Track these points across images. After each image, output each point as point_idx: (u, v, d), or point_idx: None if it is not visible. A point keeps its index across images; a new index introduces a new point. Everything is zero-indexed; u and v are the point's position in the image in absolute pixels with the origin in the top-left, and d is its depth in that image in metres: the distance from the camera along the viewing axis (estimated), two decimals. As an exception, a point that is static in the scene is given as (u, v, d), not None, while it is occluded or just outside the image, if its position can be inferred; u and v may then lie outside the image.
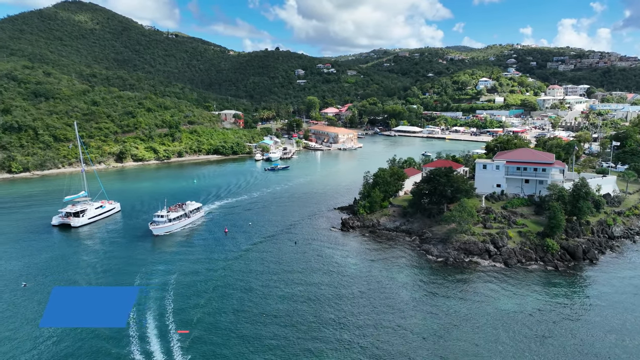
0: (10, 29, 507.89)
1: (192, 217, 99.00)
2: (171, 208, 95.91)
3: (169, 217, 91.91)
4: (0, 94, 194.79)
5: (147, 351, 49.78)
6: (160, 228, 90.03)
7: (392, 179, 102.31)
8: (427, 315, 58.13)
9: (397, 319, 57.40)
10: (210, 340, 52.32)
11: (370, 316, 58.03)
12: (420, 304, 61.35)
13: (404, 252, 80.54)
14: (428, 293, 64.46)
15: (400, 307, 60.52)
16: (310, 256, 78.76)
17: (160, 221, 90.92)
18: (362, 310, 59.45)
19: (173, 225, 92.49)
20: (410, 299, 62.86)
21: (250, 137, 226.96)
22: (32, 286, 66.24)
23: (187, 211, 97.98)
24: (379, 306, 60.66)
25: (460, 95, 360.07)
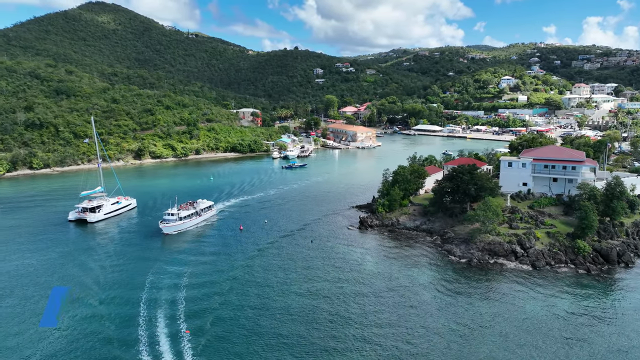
0: (36, 29, 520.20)
1: (204, 215, 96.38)
2: (182, 206, 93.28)
3: (180, 215, 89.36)
4: (23, 91, 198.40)
5: (158, 355, 47.87)
6: (170, 227, 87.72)
7: (413, 176, 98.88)
8: (450, 318, 54.84)
9: (420, 320, 54.34)
10: (225, 337, 50.17)
11: (391, 317, 55.12)
12: (443, 305, 58.09)
13: (424, 252, 77.20)
14: (451, 294, 61.10)
15: (423, 308, 57.39)
16: (327, 255, 76.13)
17: (170, 219, 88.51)
18: (382, 311, 56.57)
19: (184, 224, 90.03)
20: (433, 300, 59.64)
21: (268, 135, 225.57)
22: (44, 281, 65.37)
23: (199, 209, 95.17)
24: (400, 307, 57.66)
25: (481, 94, 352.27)
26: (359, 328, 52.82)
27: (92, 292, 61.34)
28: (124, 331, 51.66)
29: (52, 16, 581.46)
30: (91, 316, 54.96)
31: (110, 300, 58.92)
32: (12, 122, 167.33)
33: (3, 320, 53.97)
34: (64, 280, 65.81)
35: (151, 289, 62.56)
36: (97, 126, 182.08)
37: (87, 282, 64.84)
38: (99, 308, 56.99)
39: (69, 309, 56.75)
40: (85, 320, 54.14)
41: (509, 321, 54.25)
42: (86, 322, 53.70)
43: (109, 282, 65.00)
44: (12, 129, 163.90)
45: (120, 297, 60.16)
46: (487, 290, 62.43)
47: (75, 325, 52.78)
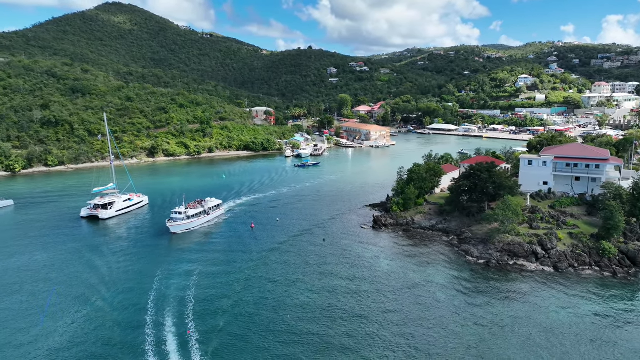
0: (54, 30, 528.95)
1: (212, 214, 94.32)
2: (190, 205, 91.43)
3: (188, 214, 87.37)
4: (40, 90, 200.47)
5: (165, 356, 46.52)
6: (178, 225, 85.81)
7: (428, 175, 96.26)
8: (469, 319, 52.45)
9: (437, 321, 52.08)
10: (239, 335, 48.60)
11: (407, 317, 52.96)
12: (461, 306, 55.66)
13: (441, 253, 74.69)
14: (469, 296, 58.60)
15: (440, 308, 55.09)
16: (341, 254, 74.16)
17: (178, 218, 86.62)
18: (398, 311, 54.42)
19: (192, 223, 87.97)
20: (450, 300, 57.26)
21: (281, 134, 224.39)
22: (54, 277, 64.71)
23: (207, 208, 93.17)
24: (417, 307, 55.44)
25: (498, 93, 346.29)
26: (375, 328, 50.88)
27: (98, 291, 60.23)
28: (129, 333, 50.34)
29: (70, 17, 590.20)
30: (97, 316, 53.77)
31: (117, 301, 57.45)
32: (29, 120, 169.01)
33: (11, 317, 53.25)
34: (73, 277, 65.04)
35: (159, 288, 61.30)
36: (111, 124, 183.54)
37: (94, 280, 63.81)
38: (106, 308, 55.82)
39: (75, 307, 55.80)
40: (91, 319, 53.03)
41: (532, 323, 51.61)
42: (92, 321, 52.58)
43: (116, 281, 63.72)
44: (29, 127, 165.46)
45: (128, 297, 58.80)
46: (508, 292, 59.76)
47: (81, 324, 51.72)
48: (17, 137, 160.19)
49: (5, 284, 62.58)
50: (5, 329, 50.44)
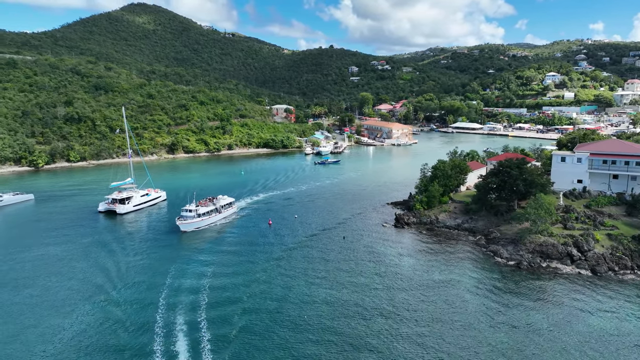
0: (81, 30, 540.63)
1: (224, 212, 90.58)
2: (201, 202, 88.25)
3: (198, 212, 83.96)
4: (65, 87, 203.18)
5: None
6: (188, 224, 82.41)
7: (453, 172, 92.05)
8: (501, 326, 48.45)
9: (466, 327, 48.24)
10: (255, 334, 45.95)
11: (433, 322, 49.27)
12: (491, 312, 51.65)
13: (467, 253, 70.58)
14: (501, 299, 54.53)
15: (469, 314, 51.17)
16: (361, 253, 70.84)
17: (188, 216, 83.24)
18: (422, 315, 50.78)
19: (202, 221, 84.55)
20: (480, 305, 53.29)
21: (301, 132, 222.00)
22: (66, 271, 63.44)
23: (219, 206, 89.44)
24: (445, 311, 51.69)
25: (524, 91, 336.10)
26: (401, 328, 47.54)
27: (105, 289, 57.93)
28: (137, 336, 48.14)
29: (96, 17, 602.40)
30: (105, 315, 51.76)
31: (126, 299, 54.84)
32: (53, 116, 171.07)
33: (21, 311, 51.92)
34: (84, 272, 63.57)
35: (172, 285, 59.22)
36: (132, 121, 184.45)
37: (101, 278, 61.76)
38: (114, 306, 53.62)
39: (84, 303, 54.16)
40: (100, 319, 51.14)
41: (570, 332, 47.30)
42: (101, 321, 50.68)
43: (124, 277, 61.45)
44: (52, 123, 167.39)
45: (137, 295, 56.19)
46: (541, 297, 55.42)
47: (89, 324, 49.91)
48: (41, 133, 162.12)
49: (19, 277, 61.57)
50: (13, 324, 49.02)
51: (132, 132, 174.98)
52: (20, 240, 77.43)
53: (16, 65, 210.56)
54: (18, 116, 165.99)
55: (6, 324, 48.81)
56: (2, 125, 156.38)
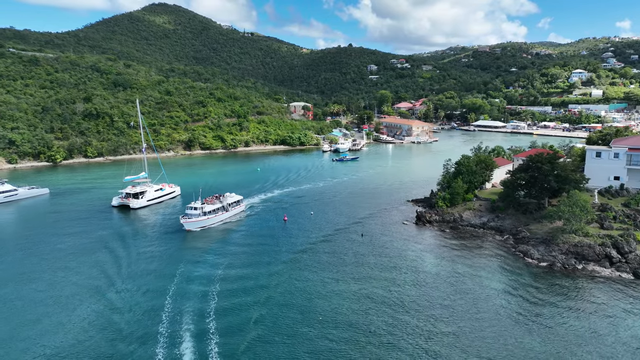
0: (104, 30, 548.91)
1: (231, 211, 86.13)
2: (207, 200, 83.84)
3: (204, 210, 79.51)
4: (84, 83, 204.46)
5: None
6: (193, 222, 77.92)
7: (478, 167, 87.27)
8: (536, 334, 44.00)
9: (499, 333, 43.94)
10: (266, 342, 42.66)
11: (460, 328, 45.12)
12: (524, 317, 47.19)
13: (495, 253, 65.96)
14: (533, 304, 49.97)
15: (499, 319, 46.82)
16: (381, 251, 66.92)
17: (193, 214, 78.65)
18: (451, 320, 46.66)
19: (208, 220, 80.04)
20: (510, 309, 48.86)
21: (319, 129, 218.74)
22: (74, 266, 61.32)
23: (226, 204, 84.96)
24: (473, 316, 47.45)
25: (549, 89, 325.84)
26: (425, 336, 43.49)
27: (106, 291, 54.71)
28: (141, 346, 45.35)
29: (118, 17, 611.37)
30: (107, 320, 49.15)
31: (128, 302, 51.85)
32: (72, 112, 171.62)
33: (23, 306, 49.79)
34: (91, 268, 61.31)
35: (179, 286, 56.37)
36: (150, 117, 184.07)
37: (103, 279, 59.39)
38: (116, 308, 51.18)
39: (87, 301, 51.73)
40: (100, 321, 48.57)
41: (613, 341, 42.59)
42: (100, 324, 48.10)
43: (130, 280, 58.74)
44: (71, 119, 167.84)
45: (139, 298, 52.16)
46: (579, 301, 50.64)
47: (91, 323, 47.38)
48: (60, 128, 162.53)
49: (26, 271, 59.67)
50: (13, 319, 46.80)
51: (149, 129, 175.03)
52: (30, 234, 76.01)
53: (38, 63, 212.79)
54: (38, 112, 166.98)
55: (6, 319, 46.63)
56: (22, 121, 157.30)
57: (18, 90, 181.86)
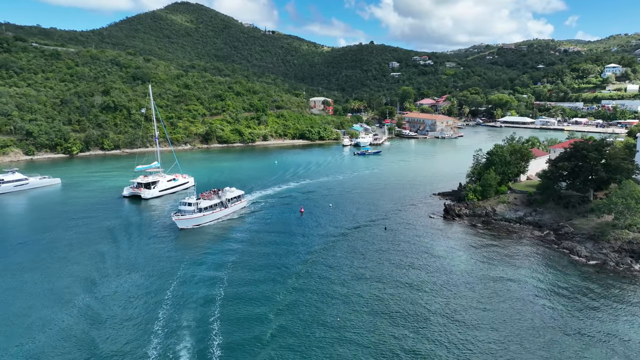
0: (127, 28, 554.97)
1: (231, 207, 77.62)
2: (203, 195, 76.11)
3: (200, 205, 71.08)
4: (103, 77, 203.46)
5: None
6: (186, 220, 69.24)
7: (513, 158, 79.94)
8: (596, 343, 37.25)
9: (548, 344, 37.38)
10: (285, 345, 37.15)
11: (503, 337, 38.71)
12: (575, 325, 40.45)
13: (535, 250, 58.95)
14: (584, 309, 43.11)
15: (544, 327, 40.23)
16: (406, 247, 60.68)
17: (187, 210, 70.19)
18: (487, 328, 40.28)
19: (204, 217, 71.49)
20: (557, 315, 42.15)
21: (339, 124, 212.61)
22: (73, 256, 57.09)
23: (224, 199, 76.42)
24: (512, 318, 41.04)
25: (580, 84, 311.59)
26: (458, 349, 37.22)
27: (97, 289, 49.59)
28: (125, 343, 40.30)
29: (141, 16, 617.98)
30: (96, 316, 44.39)
31: (120, 301, 47.49)
32: (90, 105, 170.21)
33: (13, 297, 45.54)
34: (90, 260, 56.98)
35: (176, 294, 50.98)
36: (167, 110, 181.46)
37: (97, 273, 54.51)
38: (105, 307, 46.39)
39: (80, 295, 47.15)
40: (91, 316, 43.83)
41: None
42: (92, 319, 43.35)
43: (123, 276, 53.74)
44: (89, 111, 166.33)
45: (129, 300, 45.82)
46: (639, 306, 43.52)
47: (81, 318, 42.70)
48: (78, 121, 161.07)
49: (23, 260, 55.78)
50: (1, 312, 42.48)
51: (166, 122, 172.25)
52: (34, 223, 72.69)
53: (59, 57, 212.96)
54: (57, 104, 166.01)
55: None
56: (40, 113, 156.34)
57: (38, 83, 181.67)
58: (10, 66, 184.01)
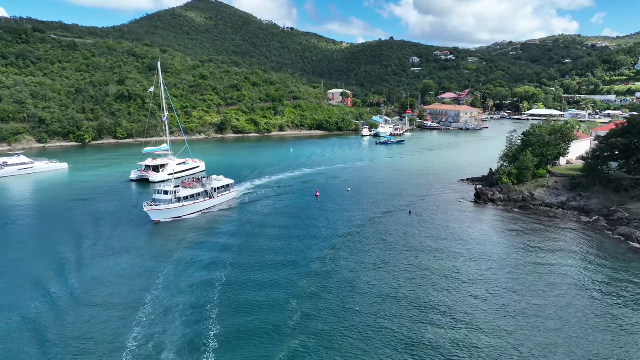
0: (147, 25, 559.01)
1: (218, 198, 67.22)
2: (184, 182, 67.33)
3: (178, 194, 60.85)
4: (119, 67, 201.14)
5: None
6: (161, 211, 58.57)
7: (553, 138, 71.97)
8: (674, 342, 29.92)
9: (595, 349, 30.21)
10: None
11: (566, 339, 31.70)
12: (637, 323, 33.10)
13: (584, 237, 51.33)
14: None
15: (612, 329, 32.95)
16: (433, 234, 53.72)
17: (163, 200, 59.40)
18: (537, 325, 33.30)
19: (184, 208, 61.16)
20: (617, 311, 34.77)
21: (358, 115, 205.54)
22: (59, 236, 51.95)
23: (209, 189, 66.19)
24: (568, 321, 33.87)
25: (612, 77, 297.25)
26: (509, 353, 30.39)
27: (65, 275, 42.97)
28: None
29: (161, 13, 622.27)
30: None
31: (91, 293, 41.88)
32: (105, 94, 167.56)
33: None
34: (65, 248, 51.73)
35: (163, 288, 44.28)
36: (182, 100, 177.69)
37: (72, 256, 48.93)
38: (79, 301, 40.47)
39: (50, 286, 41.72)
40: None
41: None
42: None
43: (102, 261, 48.54)
44: (103, 100, 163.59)
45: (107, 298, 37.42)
46: None
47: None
48: (92, 109, 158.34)
49: (10, 241, 50.88)
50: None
51: (181, 111, 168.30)
52: (30, 205, 68.32)
53: (76, 48, 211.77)
54: (72, 93, 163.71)
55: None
56: (54, 101, 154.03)
57: (55, 73, 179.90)
58: (27, 56, 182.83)
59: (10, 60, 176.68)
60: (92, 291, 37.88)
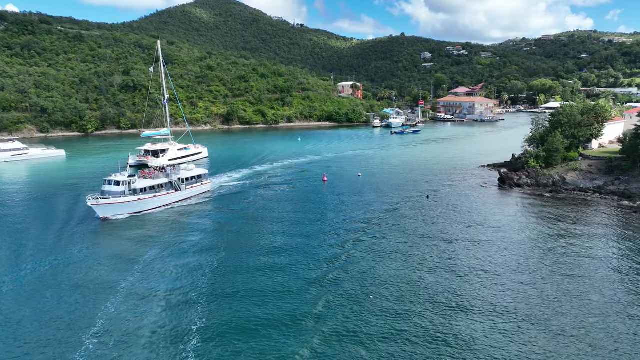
0: (157, 21, 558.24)
1: (187, 190, 57.28)
2: (144, 172, 57.51)
3: (134, 185, 50.99)
4: (125, 58, 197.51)
5: None
6: (111, 205, 48.50)
7: (585, 118, 65.42)
8: None
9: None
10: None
11: (587, 334, 25.74)
12: None
13: (627, 223, 45.16)
14: None
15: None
16: (456, 217, 47.96)
17: (114, 192, 49.40)
18: (573, 325, 27.37)
19: (143, 203, 51.12)
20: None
21: (369, 107, 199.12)
22: (33, 224, 46.96)
23: (175, 180, 55.97)
24: (607, 317, 27.87)
25: (633, 69, 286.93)
26: (521, 343, 24.51)
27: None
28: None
29: (171, 10, 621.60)
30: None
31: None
32: (109, 84, 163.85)
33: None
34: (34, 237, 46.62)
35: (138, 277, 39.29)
36: (188, 91, 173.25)
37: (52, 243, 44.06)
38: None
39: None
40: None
41: None
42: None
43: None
44: (107, 90, 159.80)
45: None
46: None
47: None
48: (95, 100, 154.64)
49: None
50: None
51: (186, 102, 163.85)
52: (16, 191, 63.64)
53: (82, 39, 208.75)
54: (76, 83, 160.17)
55: None
56: (57, 91, 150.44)
57: (60, 64, 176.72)
58: (33, 47, 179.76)
59: (16, 50, 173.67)
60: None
